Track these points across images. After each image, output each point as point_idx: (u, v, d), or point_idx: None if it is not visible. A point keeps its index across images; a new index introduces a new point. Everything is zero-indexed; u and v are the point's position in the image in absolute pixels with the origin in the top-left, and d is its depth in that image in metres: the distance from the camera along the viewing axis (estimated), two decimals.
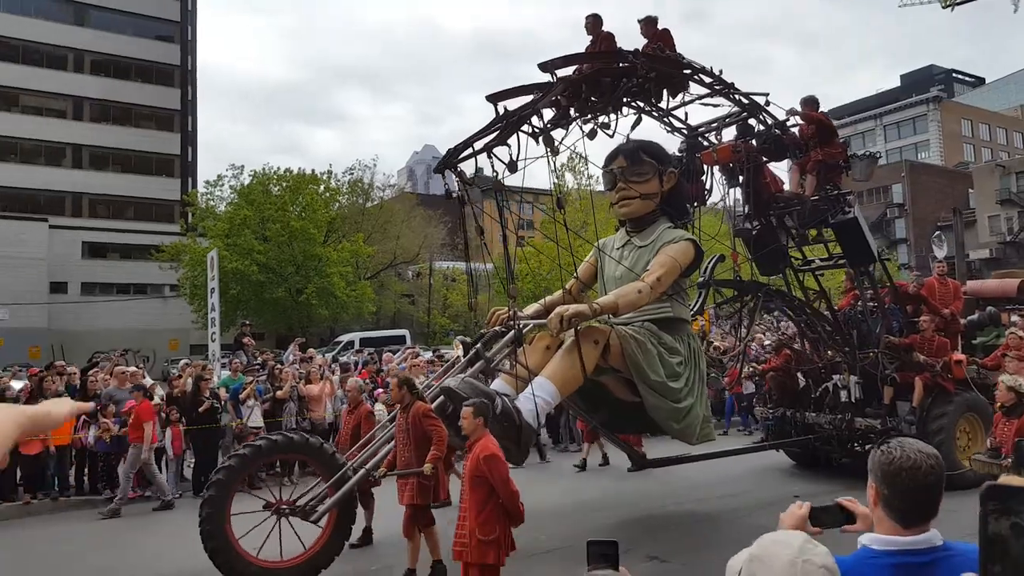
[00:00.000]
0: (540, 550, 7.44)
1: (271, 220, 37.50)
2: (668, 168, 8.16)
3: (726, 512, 8.77)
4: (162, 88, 49.91)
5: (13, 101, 45.33)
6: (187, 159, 51.18)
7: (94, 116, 47.63)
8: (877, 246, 9.98)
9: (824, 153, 9.39)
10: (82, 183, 46.93)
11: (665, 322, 8.00)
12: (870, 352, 9.64)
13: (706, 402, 8.29)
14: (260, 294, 36.91)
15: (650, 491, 9.97)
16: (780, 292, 9.79)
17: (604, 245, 8.74)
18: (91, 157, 47.49)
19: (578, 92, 8.00)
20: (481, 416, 5.17)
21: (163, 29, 50.68)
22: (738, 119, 9.31)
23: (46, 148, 46.26)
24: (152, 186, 48.66)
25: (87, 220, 46.97)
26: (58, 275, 43.63)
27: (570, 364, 7.03)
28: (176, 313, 42.23)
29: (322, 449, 6.75)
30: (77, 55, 47.33)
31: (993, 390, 9.15)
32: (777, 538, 1.75)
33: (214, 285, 22.12)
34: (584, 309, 7.02)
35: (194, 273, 36.53)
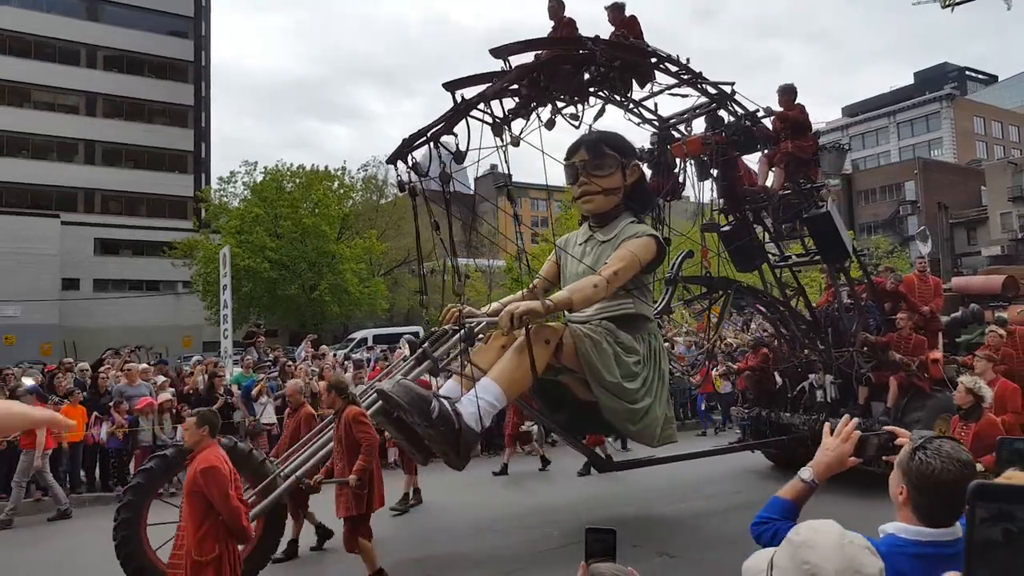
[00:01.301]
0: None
1: (284, 217, 37.62)
2: (632, 161, 7.96)
3: (730, 510, 8.70)
4: (175, 84, 50.09)
5: (25, 97, 45.66)
6: (200, 155, 51.40)
7: (107, 112, 47.90)
8: (850, 242, 9.75)
9: (795, 146, 9.19)
10: (94, 179, 47.21)
11: (625, 319, 7.81)
12: (845, 351, 9.43)
13: (668, 403, 8.11)
14: (273, 291, 37.07)
15: (639, 490, 9.90)
16: (752, 289, 9.60)
17: (567, 241, 8.58)
18: (104, 153, 47.78)
19: (536, 81, 7.83)
20: (206, 424, 4.70)
21: (176, 25, 50.84)
22: (707, 110, 9.11)
23: (58, 144, 46.55)
24: (165, 182, 48.90)
25: (99, 216, 47.23)
26: (70, 272, 43.85)
27: (518, 364, 6.80)
28: (189, 310, 42.45)
29: (249, 455, 6.58)
30: (90, 50, 47.58)
31: None
32: (815, 526, 1.74)
33: (226, 282, 22.19)
34: (536, 306, 6.76)
35: (207, 270, 36.69)
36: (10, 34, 44.85)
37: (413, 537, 8.48)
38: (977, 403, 6.10)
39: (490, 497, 10.24)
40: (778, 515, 2.43)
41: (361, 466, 6.17)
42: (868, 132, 68.23)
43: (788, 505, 2.44)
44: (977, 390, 6.07)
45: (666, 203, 9.65)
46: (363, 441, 6.24)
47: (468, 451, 6.72)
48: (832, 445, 2.41)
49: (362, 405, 6.67)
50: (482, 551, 7.88)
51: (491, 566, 7.39)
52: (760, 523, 2.45)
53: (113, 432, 11.28)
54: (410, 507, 9.66)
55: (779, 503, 2.46)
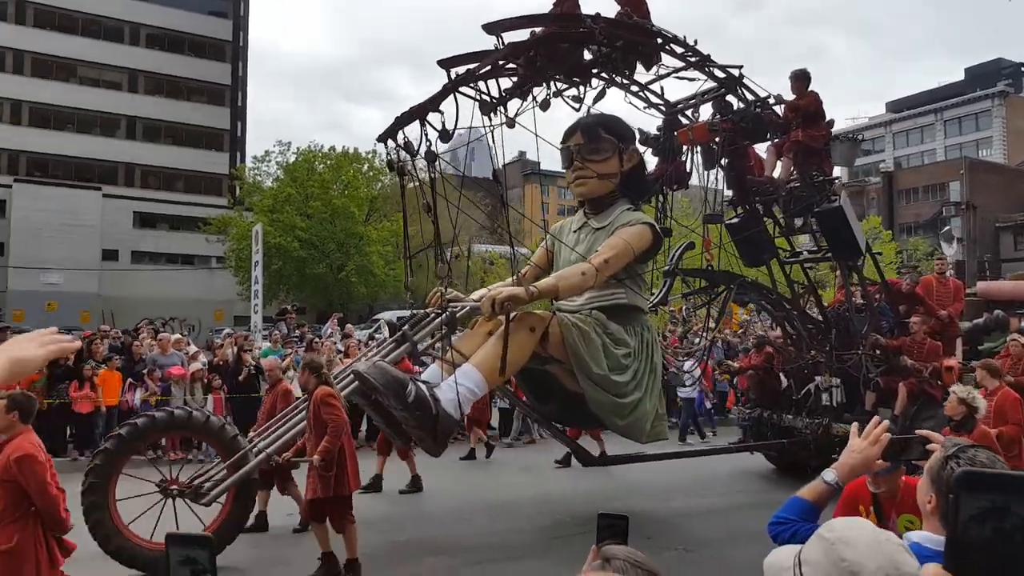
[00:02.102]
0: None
1: (314, 197, 37.94)
2: (630, 146, 7.66)
3: (745, 507, 8.54)
4: (214, 63, 50.63)
5: (72, 72, 46.49)
6: (236, 134, 51.93)
7: (148, 89, 48.57)
8: (864, 239, 9.32)
9: (806, 135, 8.77)
10: (135, 154, 47.94)
11: (616, 310, 7.55)
12: (853, 353, 9.03)
13: (660, 398, 7.83)
14: (302, 269, 37.48)
15: (640, 485, 9.70)
16: (756, 284, 9.23)
17: (560, 228, 8.34)
18: (144, 129, 48.48)
19: (533, 60, 7.56)
20: (16, 410, 4.34)
21: (216, 4, 51.31)
22: (715, 95, 8.74)
23: (101, 119, 47.36)
24: (201, 159, 49.53)
25: (138, 190, 48.05)
26: (110, 243, 44.89)
27: (500, 352, 6.57)
28: (221, 284, 43.04)
29: (221, 429, 6.50)
30: (133, 28, 48.24)
31: None
32: (848, 523, 1.69)
33: (258, 259, 22.53)
34: (519, 292, 6.53)
35: (240, 246, 37.24)
36: (60, 11, 45.69)
37: (400, 520, 8.37)
38: (970, 414, 5.74)
39: (476, 485, 10.10)
40: (797, 516, 2.37)
41: (325, 447, 6.03)
42: (913, 129, 66.01)
43: (808, 506, 2.37)
44: (970, 400, 5.71)
45: (671, 192, 9.33)
46: (329, 422, 6.10)
47: (446, 437, 6.55)
48: (859, 447, 2.32)
49: (336, 386, 6.52)
50: (468, 537, 7.75)
51: (477, 552, 7.27)
52: (778, 523, 2.39)
53: (146, 398, 11.76)
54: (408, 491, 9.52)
55: (799, 504, 2.39)
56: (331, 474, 6.10)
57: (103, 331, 14.36)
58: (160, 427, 6.47)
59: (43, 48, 44.98)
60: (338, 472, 6.16)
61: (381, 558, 6.94)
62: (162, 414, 6.48)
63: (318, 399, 6.19)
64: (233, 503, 6.35)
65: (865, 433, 2.34)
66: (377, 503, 9.02)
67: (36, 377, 11.20)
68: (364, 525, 7.34)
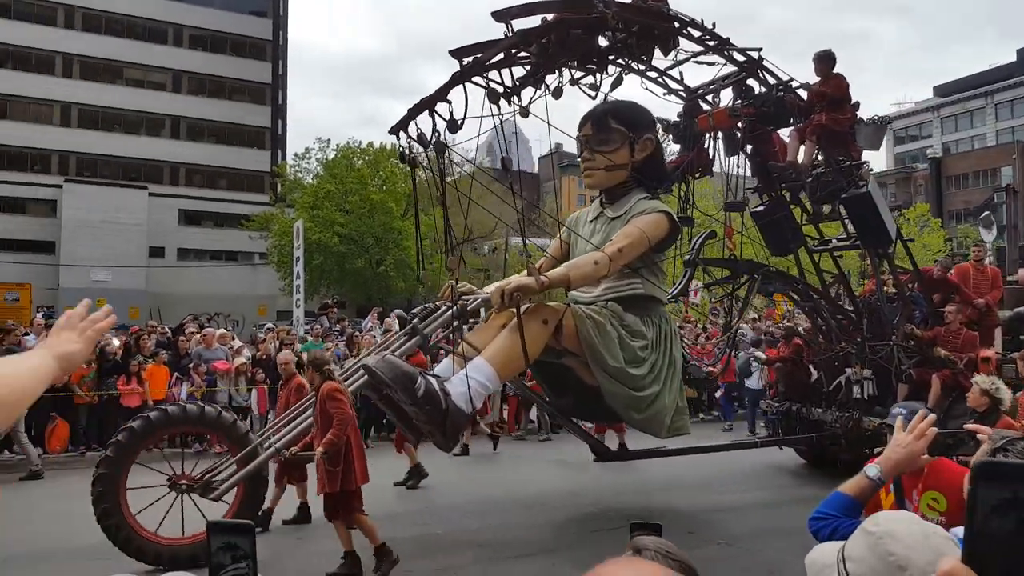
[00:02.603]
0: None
1: (353, 193, 38.21)
2: (643, 135, 7.46)
3: (783, 503, 8.42)
4: (255, 62, 51.27)
5: (118, 74, 47.46)
6: (277, 132, 52.55)
7: (191, 89, 49.39)
8: (894, 226, 8.99)
9: (829, 119, 8.46)
10: (179, 153, 48.80)
11: (633, 300, 7.39)
12: (885, 344, 8.73)
13: (680, 391, 7.65)
14: (342, 264, 37.77)
15: (666, 480, 9.57)
16: (782, 274, 8.97)
17: (576, 218, 8.21)
18: (188, 128, 49.33)
19: (545, 48, 7.43)
20: None
21: (256, 4, 51.90)
22: (735, 79, 8.50)
23: (147, 119, 48.28)
24: (244, 157, 50.25)
25: (183, 189, 48.92)
26: (156, 240, 45.72)
27: (512, 344, 6.43)
28: (264, 280, 43.65)
29: (233, 425, 6.52)
30: (176, 29, 49.04)
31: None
32: (894, 516, 1.66)
33: (299, 254, 22.81)
34: (529, 282, 6.40)
35: (281, 242, 37.71)
36: (105, 14, 46.66)
37: (413, 515, 8.33)
38: (994, 406, 5.50)
39: (493, 479, 10.05)
40: (838, 511, 2.33)
41: (330, 441, 6.01)
42: (962, 113, 63.82)
43: (850, 502, 2.34)
44: (994, 392, 5.48)
45: (693, 180, 9.12)
46: (335, 416, 6.07)
47: (456, 432, 6.47)
48: (904, 441, 2.28)
49: (341, 380, 6.50)
50: (484, 533, 7.69)
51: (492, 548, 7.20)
52: (819, 518, 2.36)
53: (192, 392, 12.06)
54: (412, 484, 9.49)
55: (841, 499, 2.36)
56: (338, 469, 6.08)
57: (150, 327, 14.75)
58: (172, 422, 6.52)
59: (90, 51, 45.97)
60: (345, 467, 6.14)
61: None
62: (175, 409, 6.53)
63: (324, 394, 6.16)
64: (243, 499, 6.36)
65: (910, 427, 2.29)
66: (385, 497, 9.06)
67: (86, 372, 11.70)
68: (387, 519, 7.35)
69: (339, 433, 6.01)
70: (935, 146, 61.00)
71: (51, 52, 45.31)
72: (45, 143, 45.02)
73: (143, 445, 6.51)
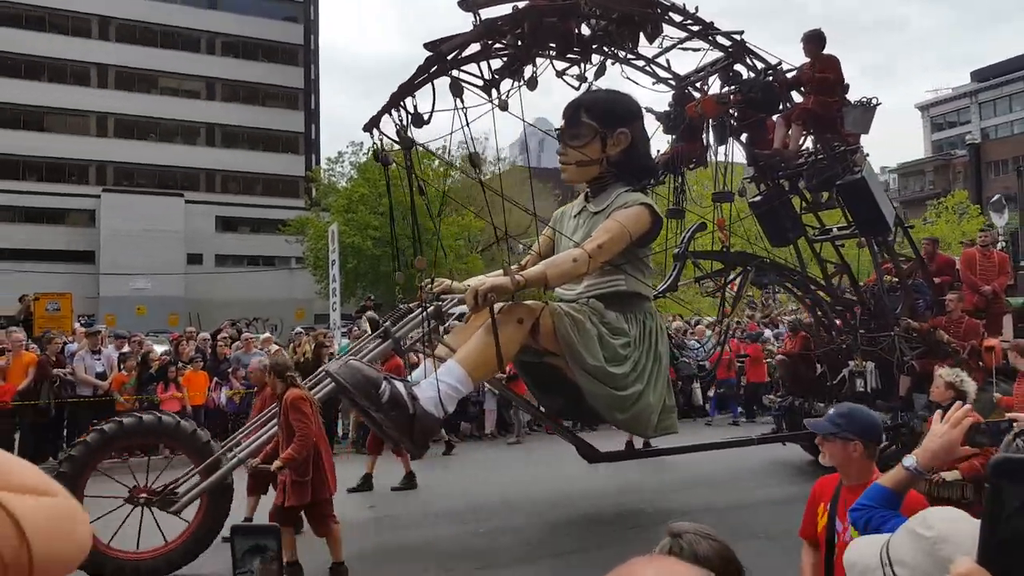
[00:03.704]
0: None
1: (386, 196, 38.30)
2: (617, 130, 7.19)
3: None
4: (287, 68, 51.79)
5: (153, 83, 48.33)
6: (310, 136, 53.03)
7: (225, 96, 50.08)
8: (894, 212, 8.59)
9: (817, 102, 8.09)
10: (215, 160, 49.52)
11: (616, 297, 7.17)
12: (886, 336, 8.35)
13: (667, 389, 7.39)
14: (376, 267, 37.88)
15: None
16: (776, 265, 8.61)
17: (562, 214, 8.00)
18: (223, 135, 50.05)
19: (519, 37, 7.23)
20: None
21: (288, 10, 52.48)
22: (722, 65, 8.19)
23: (182, 127, 49.11)
24: (278, 163, 50.79)
25: (219, 195, 49.62)
26: (194, 247, 46.49)
27: (485, 346, 6.26)
28: (301, 284, 44.06)
29: (192, 435, 6.39)
30: (209, 37, 49.79)
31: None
32: (948, 516, 1.58)
33: (335, 258, 22.93)
34: (503, 282, 6.22)
35: (317, 246, 37.98)
36: (139, 24, 47.54)
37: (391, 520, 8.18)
38: (961, 400, 5.15)
39: (485, 483, 9.83)
40: (875, 503, 2.32)
41: (289, 456, 5.79)
42: (1000, 98, 61.35)
43: (888, 493, 2.33)
44: (959, 384, 5.12)
45: (684, 171, 8.83)
46: (297, 429, 5.85)
47: (425, 438, 6.31)
48: (940, 432, 2.25)
49: (305, 388, 6.35)
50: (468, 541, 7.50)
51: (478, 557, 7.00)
52: (858, 509, 2.36)
53: (231, 396, 12.34)
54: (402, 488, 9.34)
55: (879, 490, 2.35)
56: (307, 480, 5.91)
57: (188, 333, 14.91)
58: (129, 433, 6.39)
59: (125, 61, 46.81)
60: (315, 476, 5.96)
61: (368, 559, 6.79)
62: (131, 419, 6.42)
63: (287, 404, 5.95)
64: (206, 511, 6.25)
65: (947, 417, 2.26)
66: (367, 503, 8.92)
67: (126, 379, 11.94)
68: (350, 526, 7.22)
69: (300, 448, 5.80)
70: (973, 132, 58.95)
71: (86, 63, 46.32)
72: (82, 154, 46.03)
73: (100, 458, 6.40)
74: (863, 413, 3.04)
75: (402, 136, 6.71)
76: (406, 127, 6.78)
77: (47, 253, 42.68)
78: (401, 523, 8.11)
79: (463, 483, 9.87)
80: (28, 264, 39.33)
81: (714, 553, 1.58)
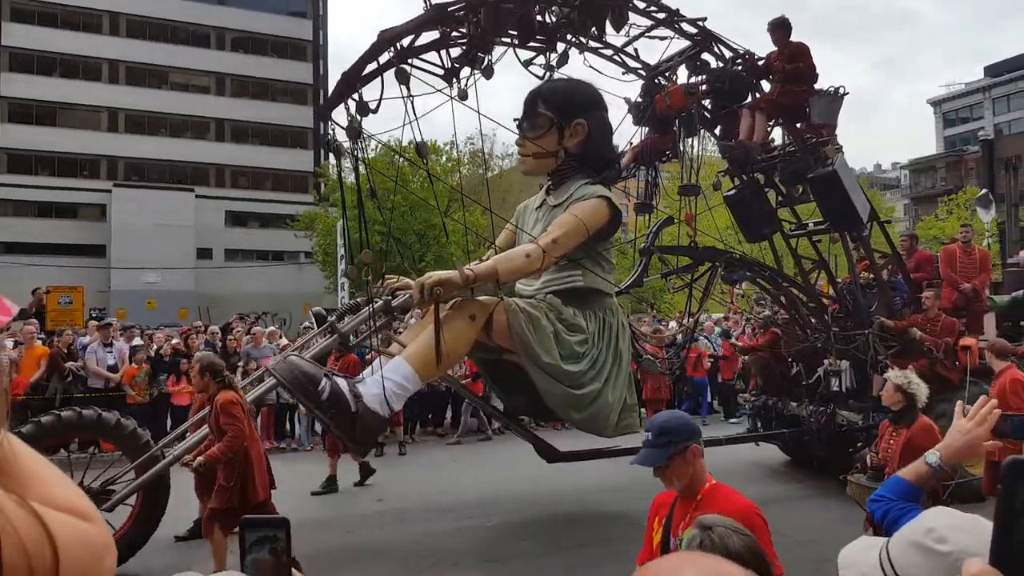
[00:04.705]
0: None
1: (394, 192, 38.34)
2: (574, 120, 7.00)
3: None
4: (296, 63, 51.82)
5: (163, 79, 48.50)
6: (319, 131, 53.03)
7: (234, 91, 50.19)
8: (868, 206, 8.33)
9: (783, 92, 7.84)
10: (224, 155, 49.63)
11: (573, 293, 7.01)
12: (859, 334, 8.12)
13: (627, 387, 7.21)
14: (384, 262, 37.82)
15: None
16: (746, 260, 8.38)
17: (525, 207, 7.85)
18: (232, 131, 50.16)
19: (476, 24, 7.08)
20: None
21: (296, 5, 52.40)
22: (689, 54, 7.97)
23: (192, 122, 49.26)
24: (287, 158, 50.86)
25: (229, 190, 49.75)
26: (204, 242, 46.69)
27: (435, 342, 6.17)
28: (310, 279, 44.14)
29: (132, 433, 6.27)
30: (218, 33, 49.89)
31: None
32: (962, 526, 1.44)
33: (343, 252, 22.91)
34: (451, 276, 6.08)
35: (326, 241, 38.03)
36: (149, 20, 47.70)
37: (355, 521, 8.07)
38: (909, 404, 4.95)
39: (436, 483, 9.69)
40: (895, 495, 2.26)
41: (212, 455, 5.67)
42: (1015, 93, 60.15)
43: (907, 487, 2.28)
44: (907, 387, 4.91)
45: (654, 164, 8.63)
46: (228, 431, 5.70)
47: (369, 437, 6.17)
48: (965, 428, 2.19)
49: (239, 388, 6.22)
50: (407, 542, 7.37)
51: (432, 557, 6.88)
52: (876, 500, 2.30)
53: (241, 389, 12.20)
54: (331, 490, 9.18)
55: (898, 483, 2.30)
56: (232, 484, 5.76)
57: (196, 327, 15.03)
58: (66, 427, 6.30)
59: (135, 57, 46.97)
60: (242, 481, 5.79)
61: (322, 560, 6.68)
62: (69, 413, 6.33)
63: (218, 406, 5.80)
64: (141, 509, 6.14)
65: (971, 413, 2.20)
66: (330, 503, 8.82)
67: (137, 371, 12.11)
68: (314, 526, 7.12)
69: (225, 450, 5.65)
70: (986, 128, 57.95)
71: (97, 59, 46.51)
72: (93, 149, 46.27)
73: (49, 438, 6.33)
74: (675, 416, 2.87)
75: (350, 125, 6.57)
76: (352, 116, 6.64)
77: (59, 247, 43.03)
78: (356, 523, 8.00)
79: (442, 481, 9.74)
80: (40, 258, 39.63)
81: (744, 548, 1.57)
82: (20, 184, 43.72)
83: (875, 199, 43.24)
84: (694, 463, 2.74)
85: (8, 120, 44.37)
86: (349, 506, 8.68)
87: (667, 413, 3.03)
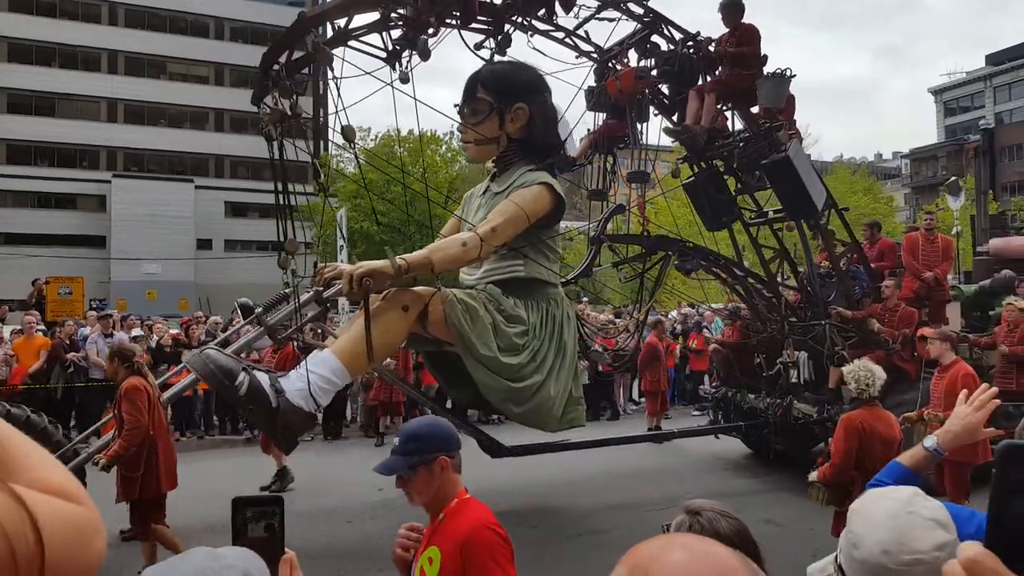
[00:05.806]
0: None
1: (394, 183, 38.31)
2: (514, 105, 6.82)
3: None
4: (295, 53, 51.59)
5: (162, 69, 48.44)
6: (319, 122, 52.84)
7: (233, 81, 49.97)
8: (825, 194, 8.10)
9: (732, 75, 7.60)
10: (224, 146, 49.54)
11: (515, 283, 6.83)
12: (815, 324, 7.92)
13: (572, 380, 7.02)
14: (384, 253, 37.81)
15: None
16: (699, 249, 8.17)
17: (471, 195, 7.68)
18: (231, 121, 50.05)
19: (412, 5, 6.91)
20: None
21: None
22: (639, 37, 7.75)
23: (191, 113, 49.20)
24: (288, 148, 50.69)
25: (229, 181, 49.74)
26: (203, 232, 46.79)
27: (365, 334, 6.04)
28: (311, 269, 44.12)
29: (42, 431, 6.13)
30: (217, 23, 49.75)
31: (989, 372, 7.40)
32: (884, 493, 1.64)
33: (342, 243, 22.90)
34: (381, 266, 5.91)
35: (325, 232, 38.01)
36: (148, 10, 47.64)
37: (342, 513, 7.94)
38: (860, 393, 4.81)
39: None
40: (890, 479, 2.25)
41: (116, 452, 5.51)
42: (1016, 82, 59.30)
43: (905, 472, 2.28)
44: (861, 381, 4.79)
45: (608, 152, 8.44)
46: (127, 422, 5.55)
47: (293, 432, 5.97)
48: (963, 413, 2.21)
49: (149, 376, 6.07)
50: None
51: None
52: (874, 484, 2.25)
53: None
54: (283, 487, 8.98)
55: (896, 468, 2.31)
56: (136, 475, 5.61)
57: (196, 317, 14.90)
58: None
59: (134, 47, 46.88)
60: (146, 473, 5.65)
61: (324, 549, 6.59)
62: None
63: (120, 393, 5.65)
64: None
65: (971, 399, 2.21)
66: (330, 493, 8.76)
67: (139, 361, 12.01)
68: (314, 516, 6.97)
69: (127, 444, 5.50)
70: (988, 117, 57.25)
71: (96, 49, 46.43)
72: (93, 139, 46.25)
73: None
74: (430, 423, 2.61)
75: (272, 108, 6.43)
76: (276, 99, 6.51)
77: (58, 238, 43.13)
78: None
79: None
80: (39, 249, 39.72)
81: (734, 532, 1.55)
82: (19, 175, 43.80)
83: (875, 188, 42.90)
84: (440, 477, 2.44)
85: (7, 111, 44.40)
86: (350, 496, 8.60)
87: (424, 419, 2.79)
